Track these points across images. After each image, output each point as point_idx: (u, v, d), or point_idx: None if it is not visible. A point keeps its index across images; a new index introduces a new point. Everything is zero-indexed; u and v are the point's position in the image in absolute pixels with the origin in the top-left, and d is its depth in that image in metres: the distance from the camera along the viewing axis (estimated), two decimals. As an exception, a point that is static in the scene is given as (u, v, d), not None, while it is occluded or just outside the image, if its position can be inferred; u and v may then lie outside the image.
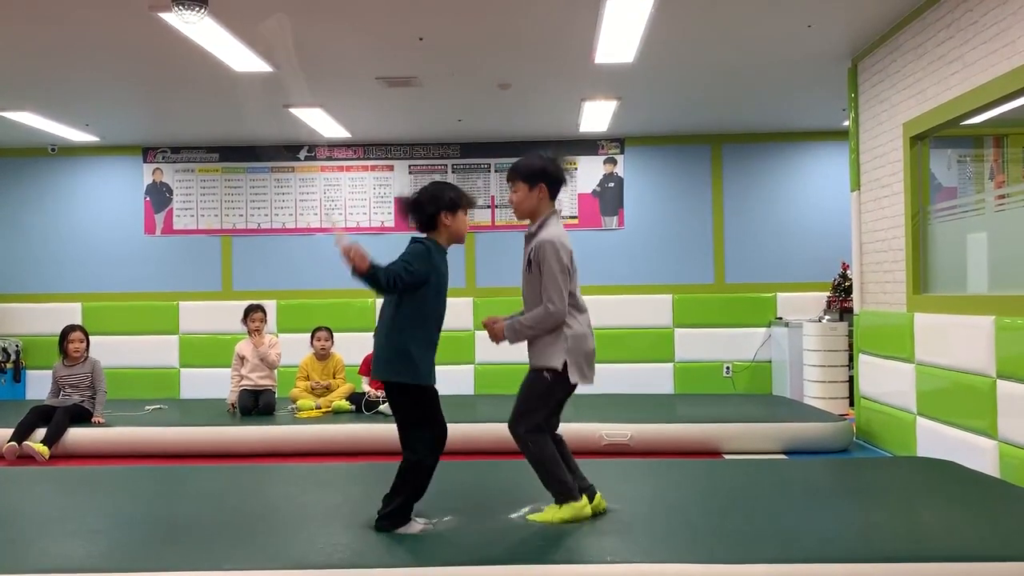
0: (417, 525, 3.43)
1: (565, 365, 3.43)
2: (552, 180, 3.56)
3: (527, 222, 3.62)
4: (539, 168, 3.55)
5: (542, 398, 3.48)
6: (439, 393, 3.47)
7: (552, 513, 3.49)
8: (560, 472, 3.49)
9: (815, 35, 5.83)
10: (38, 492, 4.45)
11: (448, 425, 3.39)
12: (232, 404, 6.75)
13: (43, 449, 5.87)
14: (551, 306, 3.40)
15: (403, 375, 3.35)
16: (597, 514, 3.56)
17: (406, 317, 3.35)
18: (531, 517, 3.54)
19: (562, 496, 3.48)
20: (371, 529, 3.39)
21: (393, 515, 3.40)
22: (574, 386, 3.51)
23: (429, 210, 3.45)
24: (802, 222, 8.81)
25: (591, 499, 3.55)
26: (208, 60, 5.99)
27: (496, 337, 3.50)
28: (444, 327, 3.49)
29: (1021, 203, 4.72)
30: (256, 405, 6.66)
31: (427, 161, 9.04)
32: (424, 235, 3.49)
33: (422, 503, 3.48)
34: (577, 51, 6.01)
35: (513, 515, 3.61)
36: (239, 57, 5.93)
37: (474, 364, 8.65)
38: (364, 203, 9.07)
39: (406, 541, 3.29)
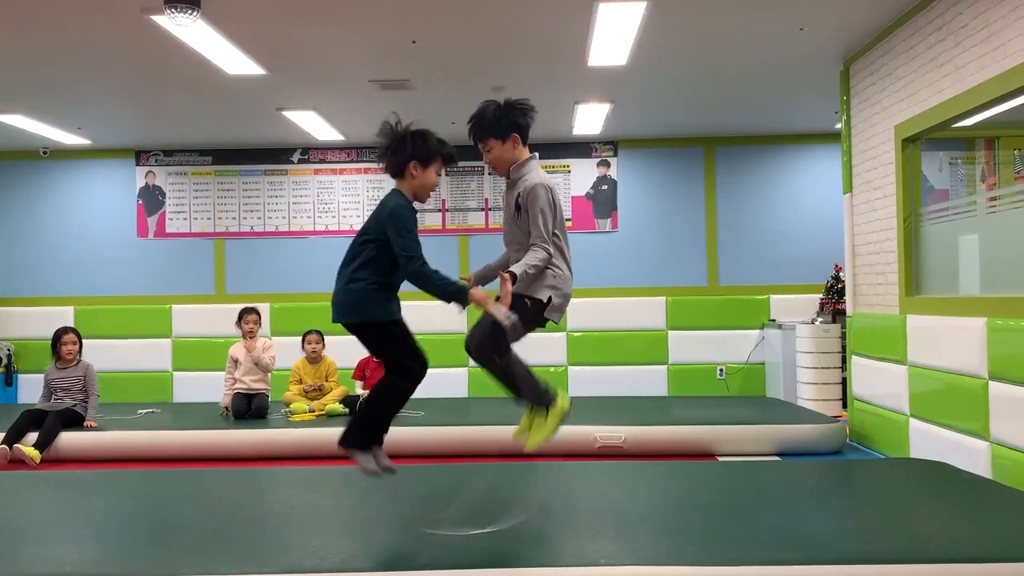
0: (369, 462, 3.39)
1: (549, 299, 3.42)
2: (520, 126, 3.53)
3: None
4: (504, 117, 3.51)
5: (525, 320, 3.40)
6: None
7: (547, 428, 3.46)
8: (533, 378, 3.46)
9: (807, 38, 5.85)
10: (30, 497, 4.43)
11: (442, 428, 3.38)
12: (225, 407, 6.74)
13: (34, 453, 5.84)
14: (544, 242, 3.38)
15: (367, 314, 3.33)
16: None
17: (378, 265, 3.32)
18: (529, 445, 3.49)
19: (541, 400, 3.46)
20: (379, 533, 3.38)
21: (352, 431, 3.40)
22: (544, 322, 3.49)
23: (398, 158, 3.41)
24: (795, 224, 8.83)
25: (547, 405, 3.49)
26: (201, 63, 5.98)
27: (506, 289, 3.31)
28: (436, 329, 3.50)
29: (1012, 205, 4.74)
30: (249, 408, 6.64)
31: (420, 164, 9.02)
32: (396, 185, 3.46)
33: (417, 504, 3.48)
34: (570, 54, 6.01)
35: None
36: (232, 60, 5.92)
37: (468, 367, 8.65)
38: (357, 206, 9.06)
39: (400, 545, 3.28)
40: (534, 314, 3.47)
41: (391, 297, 3.39)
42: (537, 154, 3.68)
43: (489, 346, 3.41)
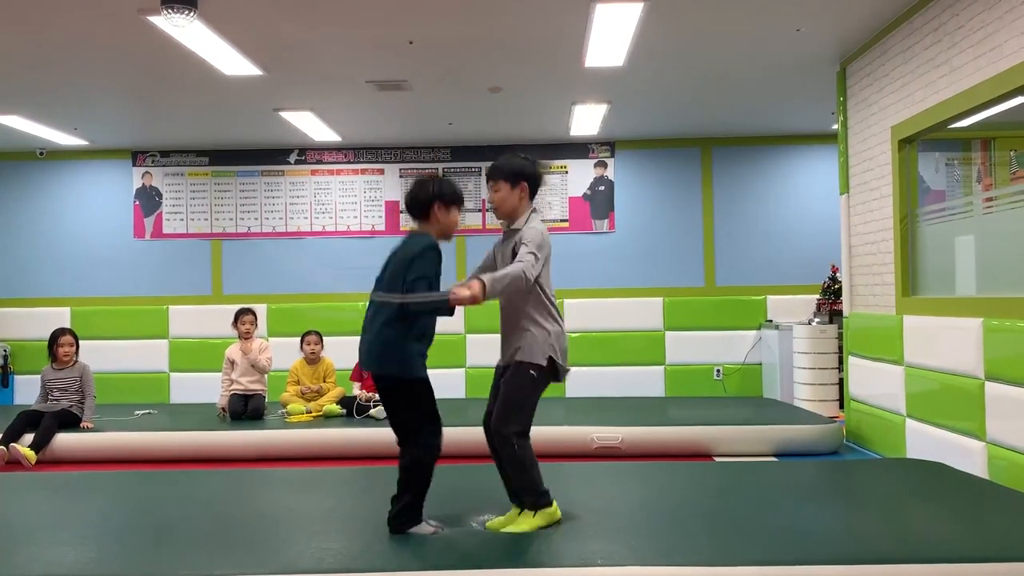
0: (429, 527, 3.42)
1: (551, 360, 3.44)
2: (533, 179, 3.59)
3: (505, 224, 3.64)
4: (521, 168, 3.58)
5: (529, 394, 3.46)
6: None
7: (528, 522, 3.45)
8: (539, 478, 3.48)
9: (804, 39, 5.86)
10: (26, 498, 4.42)
11: (441, 429, 3.38)
12: (222, 408, 6.73)
13: (30, 454, 5.83)
14: (523, 266, 3.31)
15: (396, 368, 3.33)
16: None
17: (409, 318, 3.31)
18: (506, 529, 3.47)
19: (538, 502, 3.46)
20: (376, 534, 3.36)
21: (402, 515, 3.39)
22: (547, 383, 3.50)
23: (424, 198, 3.46)
24: (791, 225, 8.84)
25: (540, 507, 3.49)
26: (197, 63, 5.98)
27: (475, 298, 3.28)
28: (435, 330, 3.49)
29: (1008, 206, 4.75)
30: (246, 409, 6.64)
31: (418, 164, 9.04)
32: (418, 228, 3.49)
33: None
34: (567, 55, 6.02)
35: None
36: (229, 60, 5.92)
37: (465, 368, 8.64)
38: (355, 206, 9.05)
39: (398, 546, 3.28)
40: (539, 381, 3.46)
41: (417, 351, 3.36)
42: (540, 211, 3.69)
43: (508, 418, 3.42)
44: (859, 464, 5.29)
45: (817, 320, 7.88)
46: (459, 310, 3.48)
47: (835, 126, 6.84)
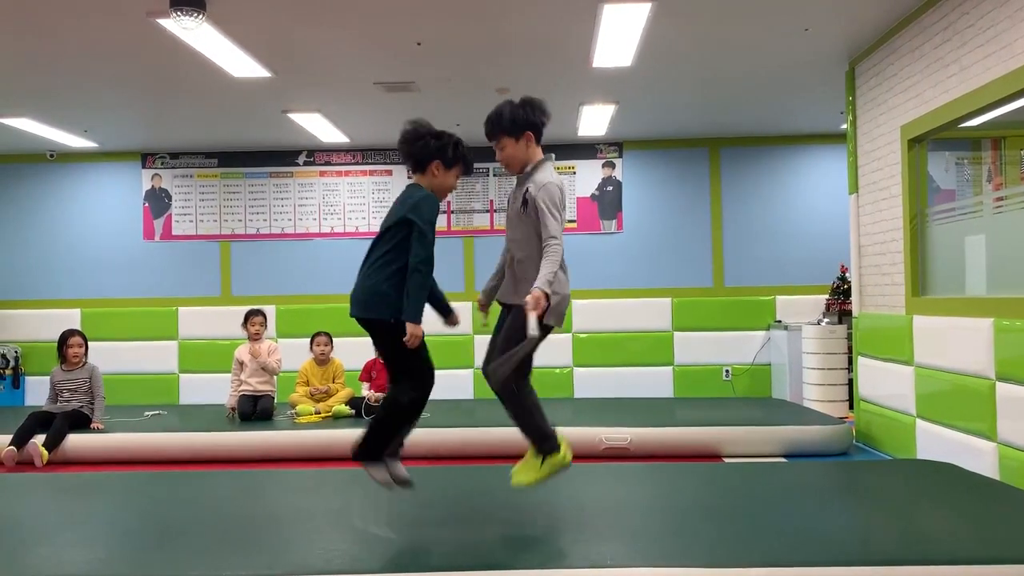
0: (381, 472, 3.41)
1: (548, 305, 3.36)
2: (535, 124, 3.53)
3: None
4: (517, 117, 3.51)
5: (529, 337, 3.38)
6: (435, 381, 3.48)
7: (536, 471, 3.45)
8: (543, 420, 3.45)
9: (812, 38, 5.84)
10: (37, 498, 4.44)
11: (448, 430, 3.39)
12: (231, 409, 6.75)
13: (42, 450, 5.86)
14: (558, 242, 3.35)
15: (386, 311, 3.33)
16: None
17: (399, 261, 3.33)
18: (515, 481, 3.49)
19: (544, 445, 3.44)
20: (385, 535, 3.37)
21: (363, 444, 3.41)
22: (549, 329, 3.45)
23: (423, 152, 3.43)
24: (800, 225, 8.81)
25: (549, 452, 3.47)
26: (206, 65, 6.00)
27: (540, 303, 3.28)
28: (442, 331, 3.51)
29: (1019, 205, 4.73)
30: (255, 410, 6.66)
31: (426, 166, 9.03)
32: (414, 179, 3.49)
33: (423, 506, 3.48)
34: (575, 55, 6.02)
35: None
36: (237, 62, 5.94)
37: (473, 368, 8.64)
38: (363, 208, 9.07)
39: (406, 547, 3.28)
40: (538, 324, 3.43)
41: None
42: (553, 155, 3.67)
43: (508, 368, 3.39)
44: (869, 465, 5.28)
45: (826, 320, 7.85)
46: (465, 313, 3.50)
47: (844, 126, 6.83)
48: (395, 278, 3.35)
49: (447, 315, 3.65)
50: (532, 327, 3.25)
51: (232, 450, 6.12)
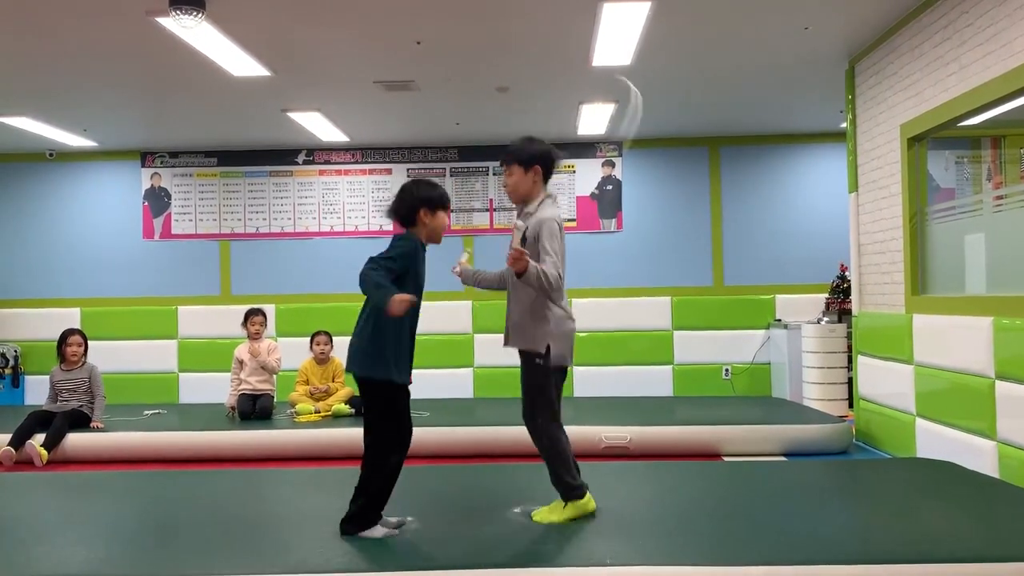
0: (381, 530, 3.38)
1: (548, 348, 3.46)
2: (547, 163, 3.63)
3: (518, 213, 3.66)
4: (534, 152, 3.61)
5: (542, 384, 3.50)
6: (415, 395, 3.49)
7: (558, 513, 3.52)
8: (572, 469, 3.53)
9: (812, 37, 5.84)
10: (37, 497, 4.44)
11: (448, 429, 3.39)
12: (231, 408, 6.75)
13: (42, 451, 5.86)
14: (556, 270, 3.40)
15: (378, 371, 3.32)
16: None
17: (383, 315, 3.25)
18: (536, 518, 3.55)
19: (570, 494, 3.52)
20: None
21: (356, 518, 3.37)
22: (560, 369, 3.52)
23: (407, 205, 3.45)
24: (800, 224, 8.81)
25: (574, 498, 3.56)
26: (206, 64, 5.99)
27: (520, 264, 3.33)
28: (443, 330, 3.50)
29: (1019, 204, 4.73)
30: (254, 409, 6.66)
31: (425, 165, 9.04)
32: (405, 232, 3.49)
33: (423, 505, 3.48)
34: (575, 54, 6.01)
35: (516, 510, 3.61)
36: (237, 61, 5.93)
37: (473, 368, 8.65)
38: (362, 207, 9.07)
39: (405, 546, 3.28)
40: (547, 367, 3.48)
41: (395, 355, 3.34)
42: (555, 196, 3.70)
43: (531, 411, 3.48)
44: (869, 464, 5.28)
45: (826, 319, 7.85)
46: (466, 312, 3.49)
47: (844, 124, 6.83)
48: (375, 336, 3.32)
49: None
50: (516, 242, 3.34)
51: (232, 449, 6.12)
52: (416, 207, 3.44)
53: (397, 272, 3.28)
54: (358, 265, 3.45)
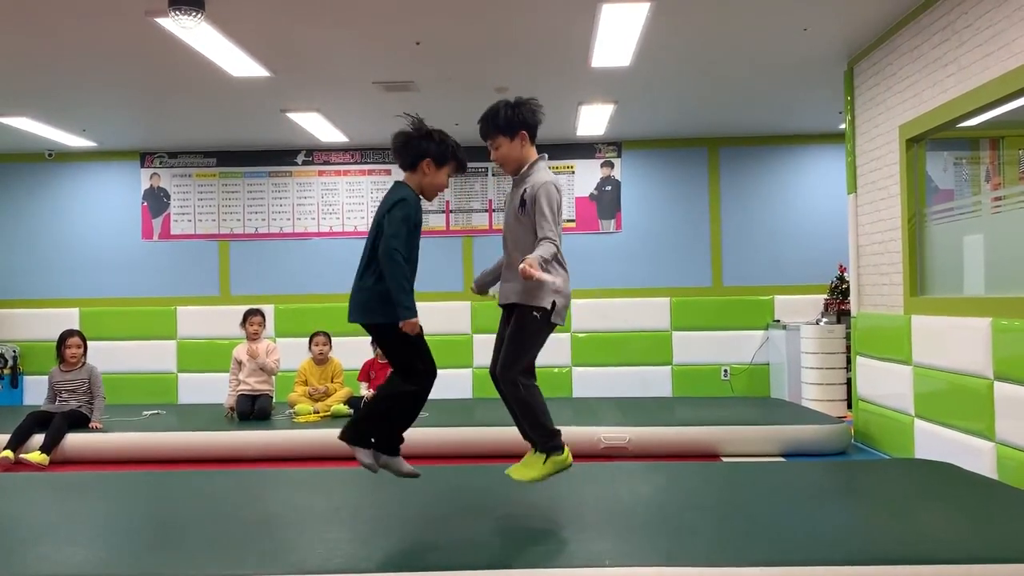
0: (369, 458, 3.42)
1: (553, 305, 3.43)
2: (530, 124, 3.55)
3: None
4: (512, 117, 3.52)
5: (534, 337, 3.47)
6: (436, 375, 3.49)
7: (537, 469, 3.48)
8: (548, 420, 3.49)
9: (811, 38, 5.85)
10: (37, 498, 4.44)
11: (447, 429, 3.40)
12: (230, 408, 6.75)
13: (42, 458, 5.84)
14: (555, 240, 3.39)
15: (386, 315, 3.33)
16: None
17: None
18: (514, 475, 3.52)
19: (548, 444, 3.47)
20: (383, 534, 3.38)
21: (355, 427, 3.42)
22: (553, 327, 3.50)
23: (415, 151, 3.43)
24: (799, 225, 8.82)
25: (551, 451, 3.51)
26: (205, 65, 5.99)
27: (530, 274, 3.29)
28: (442, 331, 3.52)
29: (1017, 205, 4.73)
30: (253, 410, 6.66)
31: (424, 165, 9.03)
32: (403, 178, 3.49)
33: (422, 505, 3.47)
34: (574, 55, 6.02)
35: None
36: (236, 62, 5.94)
37: (472, 368, 8.65)
38: (362, 207, 9.07)
39: (404, 546, 3.28)
40: (543, 324, 3.48)
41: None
42: (546, 155, 3.68)
43: (513, 361, 3.44)
44: (867, 464, 5.28)
45: (825, 320, 7.86)
46: (464, 313, 3.50)
47: (842, 125, 6.83)
48: (379, 283, 3.35)
49: None
50: (544, 277, 3.27)
51: (231, 450, 6.12)
52: (423, 155, 3.43)
53: (408, 247, 3.33)
54: (357, 266, 3.46)
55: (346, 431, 3.45)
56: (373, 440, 3.46)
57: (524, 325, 3.46)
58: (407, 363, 3.43)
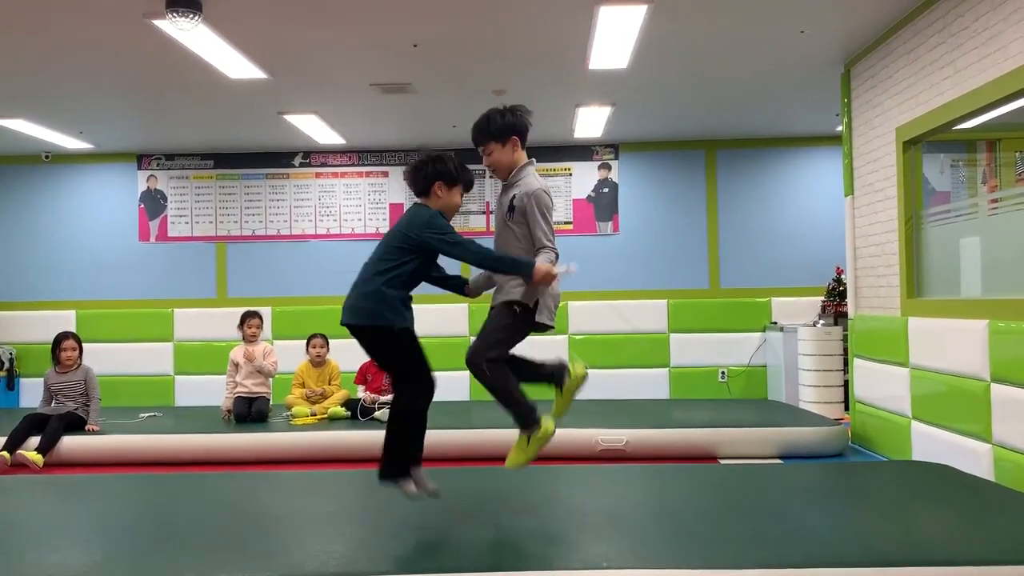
0: (412, 487, 3.46)
1: (536, 303, 3.48)
2: (521, 130, 3.63)
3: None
4: (504, 124, 3.61)
5: (507, 330, 3.51)
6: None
7: (525, 451, 3.51)
8: (521, 397, 3.52)
9: (808, 40, 5.86)
10: (32, 501, 4.43)
11: (444, 432, 3.41)
12: (227, 411, 6.74)
13: (37, 457, 5.84)
14: (554, 248, 3.47)
15: (386, 319, 3.36)
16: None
17: (399, 274, 3.39)
18: (508, 464, 3.55)
19: (525, 421, 3.50)
20: (381, 536, 3.37)
21: (391, 466, 3.44)
22: (535, 326, 3.54)
23: (425, 176, 3.51)
24: (796, 227, 8.83)
25: (560, 385, 3.58)
26: (202, 67, 5.99)
27: (547, 274, 3.39)
28: (438, 333, 3.54)
29: (1014, 207, 4.74)
30: (250, 412, 6.65)
31: (422, 167, 9.03)
32: (420, 202, 3.55)
33: (419, 507, 3.47)
34: (571, 57, 6.02)
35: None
36: (233, 64, 5.93)
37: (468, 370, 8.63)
38: (359, 209, 9.07)
39: (401, 548, 3.28)
40: (522, 321, 3.52)
41: (406, 307, 3.43)
42: (535, 160, 3.75)
43: (482, 347, 3.48)
44: (864, 466, 5.28)
45: (822, 322, 7.86)
46: (462, 315, 3.52)
47: (839, 128, 6.84)
48: (396, 288, 3.38)
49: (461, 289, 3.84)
50: (558, 270, 3.36)
51: (228, 452, 6.10)
52: (434, 179, 3.49)
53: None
54: (355, 267, 3.47)
55: (381, 472, 3.47)
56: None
57: (500, 317, 3.52)
58: (407, 369, 3.45)
